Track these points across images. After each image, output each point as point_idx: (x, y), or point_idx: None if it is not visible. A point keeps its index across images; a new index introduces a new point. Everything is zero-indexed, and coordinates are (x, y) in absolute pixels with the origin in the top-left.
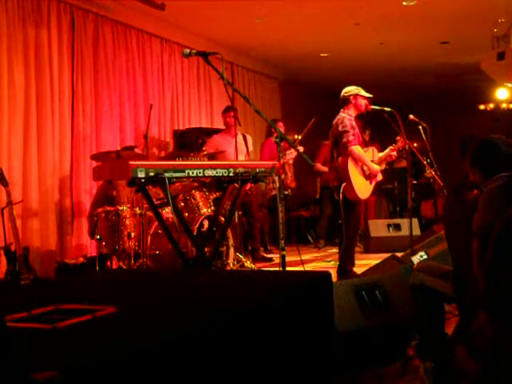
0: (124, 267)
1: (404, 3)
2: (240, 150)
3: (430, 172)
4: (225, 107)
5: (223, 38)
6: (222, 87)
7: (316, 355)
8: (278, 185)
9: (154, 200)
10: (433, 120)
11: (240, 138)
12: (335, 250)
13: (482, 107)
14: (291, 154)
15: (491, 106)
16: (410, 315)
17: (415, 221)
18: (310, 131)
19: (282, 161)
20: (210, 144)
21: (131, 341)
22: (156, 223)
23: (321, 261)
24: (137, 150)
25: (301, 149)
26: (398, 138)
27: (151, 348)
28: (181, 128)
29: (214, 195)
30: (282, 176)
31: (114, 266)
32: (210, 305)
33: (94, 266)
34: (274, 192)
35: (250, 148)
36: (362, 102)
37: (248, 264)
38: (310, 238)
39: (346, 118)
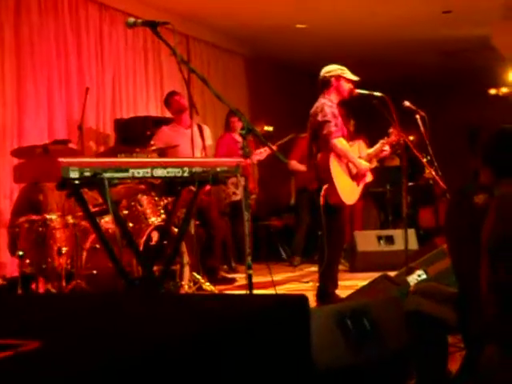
0: (53, 290)
1: None
2: (196, 144)
3: (429, 172)
4: (169, 92)
5: (176, 6)
6: (174, 66)
7: None
8: (243, 187)
9: (91, 207)
10: (433, 107)
11: (195, 129)
12: (314, 268)
13: (492, 92)
14: (260, 155)
15: (504, 90)
16: (405, 348)
17: (411, 232)
18: (287, 142)
19: (248, 159)
20: (158, 137)
21: (58, 381)
22: (93, 236)
23: (296, 282)
24: (71, 145)
25: (273, 147)
26: (391, 129)
27: None
28: (124, 117)
29: (165, 201)
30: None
31: (41, 290)
32: (157, 336)
33: (16, 289)
34: (233, 197)
35: (208, 141)
36: (346, 86)
37: (207, 286)
38: (283, 253)
39: (327, 104)
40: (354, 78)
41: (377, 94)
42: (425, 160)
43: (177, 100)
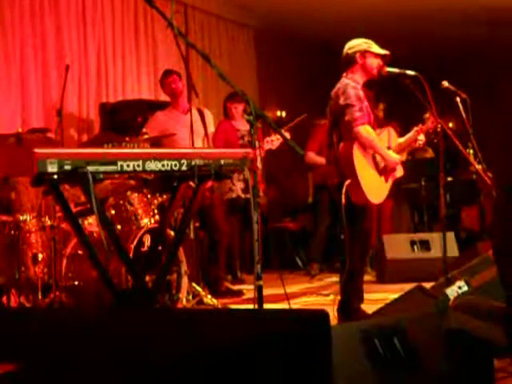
0: (27, 305)
1: None
2: (196, 132)
3: (473, 165)
4: (164, 71)
5: None
6: (171, 40)
7: None
8: (251, 182)
9: (72, 206)
10: (477, 89)
11: (195, 114)
12: (335, 278)
13: None
14: (270, 143)
15: None
16: (444, 374)
17: (451, 236)
18: (298, 124)
19: (258, 150)
20: (151, 124)
21: None
22: (74, 240)
23: (314, 294)
24: (49, 134)
25: (287, 135)
26: (427, 115)
27: None
28: (111, 100)
29: (160, 199)
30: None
31: (13, 304)
32: (149, 359)
33: None
34: (229, 194)
35: (211, 129)
36: (374, 62)
37: (209, 299)
38: (298, 260)
39: (350, 85)
40: (383, 51)
41: (410, 72)
42: (471, 151)
43: (169, 83)
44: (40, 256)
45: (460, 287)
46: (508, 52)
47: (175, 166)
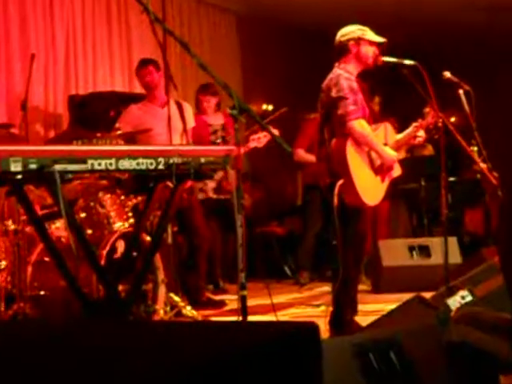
0: None
1: None
2: (174, 128)
3: (478, 164)
4: (139, 61)
5: None
6: (146, 27)
7: None
8: (235, 182)
9: (38, 209)
10: (481, 81)
11: (173, 107)
12: (327, 287)
13: None
14: (257, 141)
15: None
16: None
17: (453, 241)
18: (278, 118)
19: (242, 147)
20: (125, 119)
21: None
22: (40, 246)
23: (304, 305)
24: (13, 130)
25: (275, 132)
26: (427, 109)
27: None
28: (81, 92)
29: (134, 200)
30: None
31: None
32: (123, 377)
33: None
34: (200, 195)
35: (191, 123)
36: (369, 51)
37: (188, 311)
38: (286, 268)
39: (343, 76)
40: (379, 39)
41: (408, 62)
42: (475, 149)
43: (143, 75)
44: (2, 263)
45: (463, 297)
46: (508, 38)
47: (151, 164)
